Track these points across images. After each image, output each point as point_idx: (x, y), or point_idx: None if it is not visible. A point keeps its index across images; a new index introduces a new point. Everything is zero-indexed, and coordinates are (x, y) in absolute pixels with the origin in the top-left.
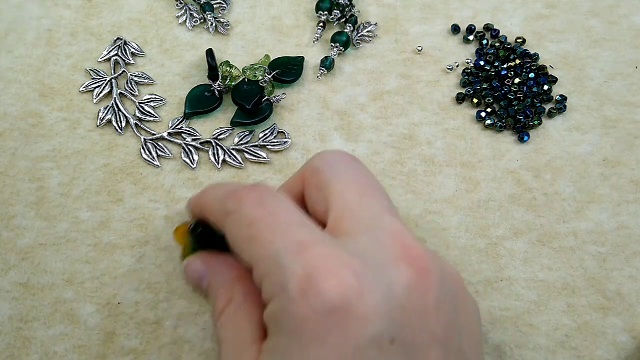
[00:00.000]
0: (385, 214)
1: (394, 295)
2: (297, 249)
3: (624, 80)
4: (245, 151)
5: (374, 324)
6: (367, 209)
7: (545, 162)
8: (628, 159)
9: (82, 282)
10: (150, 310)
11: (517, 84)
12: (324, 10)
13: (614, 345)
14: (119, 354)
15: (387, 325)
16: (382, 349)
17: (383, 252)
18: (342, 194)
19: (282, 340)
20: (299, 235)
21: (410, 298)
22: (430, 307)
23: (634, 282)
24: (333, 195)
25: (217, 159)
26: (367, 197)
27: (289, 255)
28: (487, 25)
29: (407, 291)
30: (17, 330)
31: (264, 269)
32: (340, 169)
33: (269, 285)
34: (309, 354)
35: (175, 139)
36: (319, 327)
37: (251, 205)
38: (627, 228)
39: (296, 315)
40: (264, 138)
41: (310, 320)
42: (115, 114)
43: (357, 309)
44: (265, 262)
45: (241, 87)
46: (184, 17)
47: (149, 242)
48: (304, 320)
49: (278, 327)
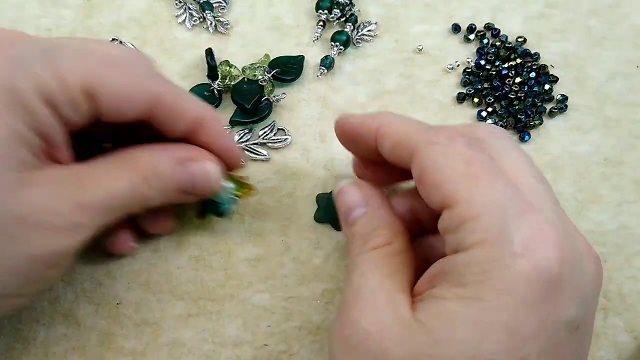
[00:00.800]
0: (557, 203)
1: (586, 285)
2: (524, 207)
3: (625, 80)
4: (246, 149)
5: (576, 306)
6: (544, 193)
7: (546, 162)
8: (629, 159)
9: (81, 283)
10: (149, 311)
11: (518, 83)
12: (324, 9)
13: (614, 346)
14: (118, 355)
15: (582, 310)
16: (569, 331)
17: (578, 241)
18: (519, 170)
19: (486, 292)
20: (521, 195)
21: (593, 292)
22: (596, 301)
23: (634, 282)
24: (508, 168)
25: None
26: (540, 182)
27: (514, 209)
28: (487, 25)
29: (593, 285)
30: (16, 331)
31: (476, 211)
32: (509, 145)
33: (480, 229)
34: (517, 315)
35: None
36: (535, 293)
37: (465, 143)
38: (628, 228)
39: (517, 271)
40: (264, 136)
41: (530, 282)
42: None
43: (566, 287)
44: (481, 205)
45: (241, 87)
46: (184, 16)
47: (148, 243)
48: (524, 280)
49: (482, 278)
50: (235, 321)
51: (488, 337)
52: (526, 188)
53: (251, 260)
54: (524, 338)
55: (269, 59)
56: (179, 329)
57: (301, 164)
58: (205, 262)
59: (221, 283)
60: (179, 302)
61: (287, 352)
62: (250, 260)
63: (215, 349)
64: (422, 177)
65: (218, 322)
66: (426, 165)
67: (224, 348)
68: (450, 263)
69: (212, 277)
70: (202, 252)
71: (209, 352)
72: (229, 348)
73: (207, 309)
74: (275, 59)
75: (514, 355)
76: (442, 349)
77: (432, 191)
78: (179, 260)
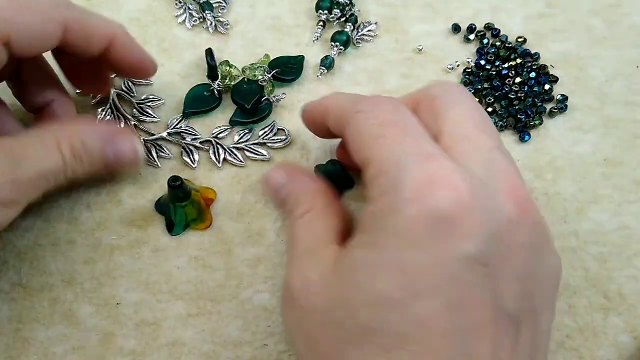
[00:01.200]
0: (497, 150)
1: (497, 223)
2: (421, 156)
3: (626, 80)
4: (246, 149)
5: (475, 244)
6: (483, 141)
7: (547, 162)
8: (629, 159)
9: (81, 283)
10: (149, 311)
11: (518, 83)
12: (324, 9)
13: (615, 346)
14: (118, 355)
15: (484, 248)
16: (472, 268)
17: (495, 184)
18: (459, 121)
19: (381, 236)
20: (425, 147)
21: (508, 232)
22: (519, 246)
23: (635, 282)
24: (449, 122)
25: (218, 157)
26: (482, 131)
27: (411, 159)
28: (487, 25)
29: (508, 224)
30: (15, 331)
31: (381, 168)
32: (458, 98)
33: (383, 182)
34: (408, 253)
35: (175, 139)
36: (423, 232)
37: (387, 109)
38: (628, 228)
39: (405, 215)
40: (264, 136)
41: (417, 223)
42: (113, 115)
43: (464, 225)
44: (385, 162)
45: (241, 87)
46: (184, 16)
47: (148, 243)
48: (411, 221)
49: (379, 224)
50: (235, 321)
51: (382, 276)
52: (459, 137)
53: (251, 260)
54: (417, 273)
55: (269, 59)
56: (179, 329)
57: (301, 164)
58: (205, 262)
59: (221, 283)
60: (179, 302)
61: (287, 352)
62: (250, 260)
63: (215, 349)
64: (348, 144)
65: (218, 322)
66: (351, 132)
67: (224, 348)
68: (361, 215)
69: (212, 277)
70: (202, 252)
71: (209, 352)
72: (229, 348)
73: (207, 309)
74: (275, 59)
75: (408, 289)
76: (347, 292)
77: (355, 155)
78: (179, 260)
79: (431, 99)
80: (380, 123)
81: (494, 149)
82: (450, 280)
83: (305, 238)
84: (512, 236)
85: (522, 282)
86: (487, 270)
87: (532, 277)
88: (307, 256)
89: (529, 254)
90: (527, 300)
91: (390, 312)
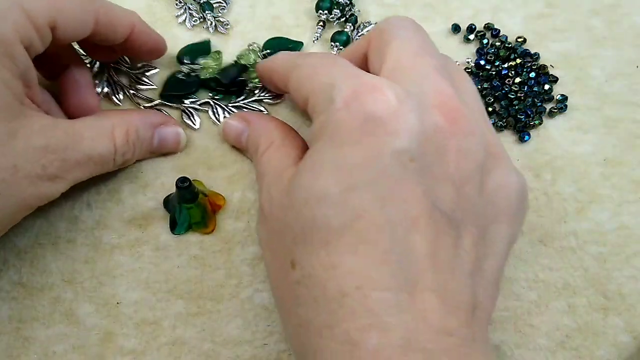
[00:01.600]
0: (435, 73)
1: (424, 126)
2: (349, 75)
3: (626, 80)
4: (244, 107)
5: (401, 140)
6: (420, 67)
7: (546, 162)
8: (629, 159)
9: (81, 282)
10: (149, 311)
11: (518, 83)
12: (324, 9)
13: (614, 346)
14: (118, 354)
15: (411, 144)
16: (402, 163)
17: (424, 98)
18: (398, 52)
19: (320, 142)
20: (354, 71)
21: (435, 135)
22: (450, 151)
23: (635, 282)
24: (389, 54)
25: (218, 117)
26: (421, 57)
27: (341, 78)
28: (487, 25)
29: (434, 129)
30: (16, 330)
31: (316, 96)
32: (401, 31)
33: (319, 105)
34: (342, 151)
35: (175, 103)
36: (354, 131)
37: (318, 56)
38: (627, 228)
39: (337, 120)
40: (260, 94)
41: (348, 124)
42: (110, 86)
43: (391, 124)
44: (318, 89)
45: (227, 68)
46: (184, 16)
47: (148, 242)
48: (343, 123)
49: (319, 134)
50: (235, 321)
51: (320, 174)
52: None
53: (251, 260)
54: (350, 168)
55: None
56: (179, 328)
57: (294, 115)
58: (205, 261)
59: (221, 283)
60: (179, 301)
61: (287, 352)
62: (250, 259)
63: (215, 348)
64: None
65: (218, 321)
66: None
67: (224, 347)
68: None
69: (212, 276)
70: (202, 252)
71: (209, 352)
72: (229, 347)
73: (207, 309)
74: (272, 39)
75: (343, 183)
76: (294, 197)
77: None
78: (179, 259)
79: (378, 34)
80: (312, 65)
81: (429, 73)
82: (381, 174)
83: (269, 170)
84: (442, 141)
85: (458, 187)
86: (416, 166)
87: (472, 185)
88: (273, 182)
89: (465, 162)
90: (466, 205)
91: (328, 207)
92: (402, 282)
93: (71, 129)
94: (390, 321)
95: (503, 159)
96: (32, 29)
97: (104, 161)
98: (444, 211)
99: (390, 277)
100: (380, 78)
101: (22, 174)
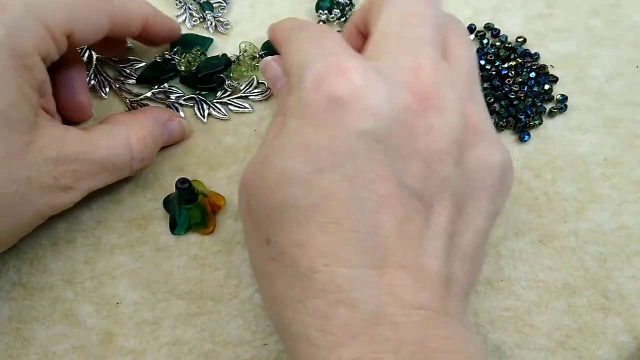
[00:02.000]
0: (422, 44)
1: (391, 106)
2: (324, 54)
3: (626, 80)
4: (229, 103)
5: (367, 121)
6: (406, 36)
7: (546, 162)
8: (629, 159)
9: (81, 282)
10: (149, 311)
11: (518, 83)
12: (324, 9)
13: (614, 346)
14: (118, 355)
15: (377, 125)
16: (368, 144)
17: (398, 74)
18: (388, 19)
19: (290, 122)
20: (332, 48)
21: (404, 114)
22: (420, 129)
23: (635, 282)
24: (380, 21)
25: (203, 113)
26: (410, 27)
27: (316, 57)
28: (487, 25)
29: (403, 108)
30: (16, 331)
31: (294, 71)
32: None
33: (294, 81)
34: (309, 133)
35: (160, 98)
36: (320, 112)
37: (310, 29)
38: (628, 228)
39: (304, 100)
40: (246, 90)
41: (315, 106)
42: (97, 79)
43: (356, 105)
44: (297, 65)
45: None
46: (184, 16)
47: (148, 242)
48: (309, 104)
49: (289, 113)
50: (235, 321)
51: (290, 155)
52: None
53: None
54: (318, 149)
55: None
56: (179, 328)
57: None
58: (205, 261)
59: (221, 283)
60: (179, 301)
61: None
62: None
63: (215, 349)
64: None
65: (218, 321)
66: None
67: (223, 347)
68: None
69: (212, 276)
70: (202, 252)
71: (209, 352)
72: (229, 347)
73: (207, 309)
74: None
75: (311, 165)
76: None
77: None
78: (179, 260)
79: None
80: (299, 40)
81: (416, 43)
82: (347, 155)
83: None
84: (410, 120)
85: (429, 163)
86: (383, 146)
87: (447, 162)
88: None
89: (437, 140)
90: (439, 182)
91: (299, 188)
92: (370, 259)
93: (85, 139)
94: (358, 296)
95: (487, 135)
96: (50, 40)
97: (119, 169)
98: (412, 188)
99: (358, 255)
100: (350, 57)
101: (36, 185)
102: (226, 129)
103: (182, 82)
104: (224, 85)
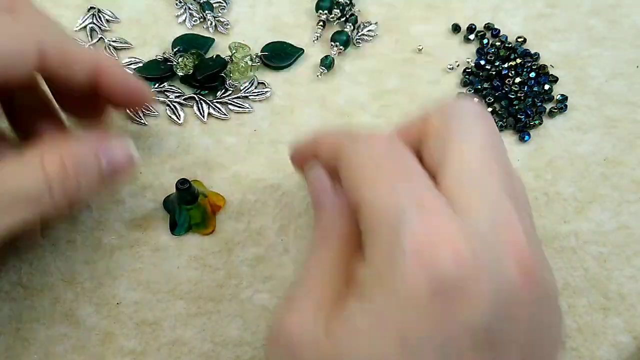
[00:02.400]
0: (505, 197)
1: (502, 290)
2: (420, 208)
3: (625, 80)
4: (229, 103)
5: (482, 314)
6: (490, 184)
7: (546, 162)
8: (629, 159)
9: (81, 283)
10: (149, 311)
11: (518, 83)
12: (324, 9)
13: (614, 346)
14: (118, 355)
15: (489, 318)
16: (475, 340)
17: (498, 243)
18: (466, 157)
19: (380, 300)
20: (424, 194)
21: (512, 300)
22: (524, 317)
23: (635, 282)
24: (453, 152)
25: (202, 112)
26: (490, 172)
27: (409, 212)
28: (487, 25)
29: (512, 292)
30: (16, 331)
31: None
32: (470, 122)
33: (379, 237)
34: (407, 322)
35: (159, 97)
36: (425, 298)
37: (381, 144)
38: (628, 228)
39: (405, 279)
40: (245, 90)
41: (419, 288)
42: None
43: (470, 290)
44: (380, 211)
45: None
46: (184, 16)
47: (148, 243)
48: (413, 286)
49: (377, 285)
50: (235, 321)
51: (381, 342)
52: (463, 179)
53: (251, 260)
54: (418, 345)
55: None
56: (179, 328)
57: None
58: (205, 261)
59: (221, 283)
60: (179, 301)
61: None
62: (250, 260)
63: (215, 349)
64: (342, 181)
65: (218, 322)
66: (343, 167)
67: (224, 348)
68: (358, 270)
69: (212, 277)
70: (202, 252)
71: (209, 352)
72: (229, 348)
73: (207, 309)
74: (271, 43)
75: (409, 355)
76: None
77: (348, 194)
78: (179, 260)
79: (442, 121)
80: (374, 162)
81: (501, 196)
82: (450, 347)
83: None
84: (515, 304)
85: (523, 351)
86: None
87: (534, 346)
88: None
89: (534, 325)
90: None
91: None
92: None
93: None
94: None
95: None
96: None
97: (36, 201)
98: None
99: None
100: (454, 220)
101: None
102: (226, 129)
103: (183, 81)
104: (225, 85)
